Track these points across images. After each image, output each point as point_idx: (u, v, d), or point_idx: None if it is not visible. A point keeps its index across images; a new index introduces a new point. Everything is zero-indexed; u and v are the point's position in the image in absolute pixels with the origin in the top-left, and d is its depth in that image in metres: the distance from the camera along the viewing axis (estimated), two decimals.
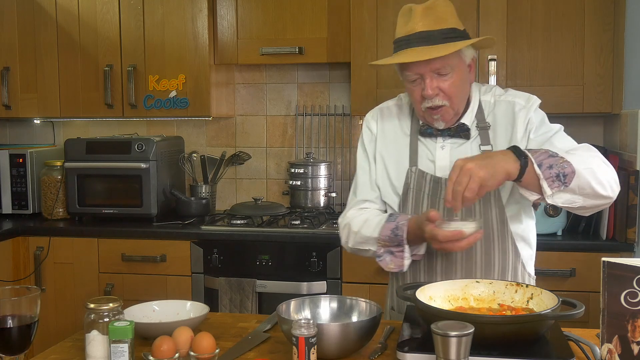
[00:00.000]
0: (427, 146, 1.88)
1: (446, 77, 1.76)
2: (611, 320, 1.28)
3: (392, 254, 1.79)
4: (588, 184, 1.61)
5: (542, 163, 1.59)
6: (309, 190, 3.37)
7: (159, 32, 3.31)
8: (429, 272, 1.85)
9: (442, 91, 1.77)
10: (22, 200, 3.45)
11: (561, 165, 1.59)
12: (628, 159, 2.75)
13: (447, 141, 1.86)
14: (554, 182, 1.59)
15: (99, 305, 1.45)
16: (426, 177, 1.85)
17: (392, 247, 1.78)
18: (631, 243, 2.68)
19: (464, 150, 1.84)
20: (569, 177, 1.59)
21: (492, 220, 1.80)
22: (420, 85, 1.78)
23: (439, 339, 1.23)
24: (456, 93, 1.79)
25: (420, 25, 1.73)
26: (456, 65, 1.77)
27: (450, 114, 1.81)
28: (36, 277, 3.20)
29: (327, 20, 3.18)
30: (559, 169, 1.59)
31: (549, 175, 1.59)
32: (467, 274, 1.80)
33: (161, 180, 3.32)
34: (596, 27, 2.88)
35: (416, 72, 1.76)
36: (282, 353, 1.56)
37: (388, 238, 1.77)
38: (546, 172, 1.59)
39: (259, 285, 2.95)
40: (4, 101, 3.47)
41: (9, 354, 1.39)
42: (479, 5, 2.95)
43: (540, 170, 1.59)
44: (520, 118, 1.82)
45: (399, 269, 1.80)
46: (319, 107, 3.57)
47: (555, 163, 1.60)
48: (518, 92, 1.89)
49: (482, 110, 1.87)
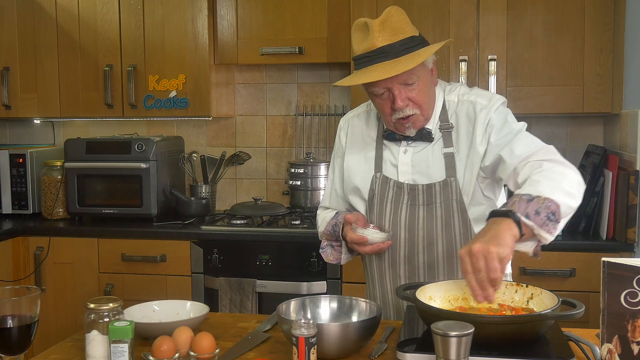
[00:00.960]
0: (392, 151, 1.90)
1: (413, 86, 1.77)
2: (611, 320, 1.28)
3: (332, 247, 1.96)
4: (567, 205, 1.57)
5: (528, 213, 1.50)
6: (309, 190, 3.37)
7: (159, 32, 3.31)
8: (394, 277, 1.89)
9: (411, 101, 1.78)
10: (22, 200, 3.45)
11: (545, 205, 1.51)
12: (628, 159, 2.75)
13: (410, 145, 1.87)
14: (547, 225, 1.51)
15: (99, 305, 1.45)
16: (389, 183, 1.87)
17: (332, 241, 1.94)
18: (631, 243, 2.68)
19: (425, 153, 1.85)
20: (556, 213, 1.53)
21: (455, 222, 1.81)
22: (389, 99, 1.78)
23: (439, 339, 1.23)
24: (424, 100, 1.80)
25: (379, 40, 1.73)
26: (421, 73, 1.77)
27: (421, 121, 1.82)
28: (36, 277, 3.20)
29: (327, 20, 3.18)
30: (545, 211, 1.51)
31: (541, 222, 1.50)
32: (430, 278, 1.83)
33: (161, 180, 3.32)
34: (596, 27, 2.88)
35: (383, 87, 1.76)
36: (282, 353, 1.56)
37: (329, 233, 1.92)
38: (537, 220, 1.50)
39: (259, 285, 2.95)
40: (4, 101, 3.47)
41: (9, 354, 1.39)
42: (479, 5, 2.95)
43: (530, 221, 1.50)
44: (480, 119, 1.80)
45: (337, 262, 1.96)
46: (319, 107, 3.57)
47: (539, 207, 1.51)
48: (482, 92, 1.88)
49: (445, 111, 1.87)
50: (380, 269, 1.92)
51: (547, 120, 3.29)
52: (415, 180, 1.85)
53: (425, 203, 1.83)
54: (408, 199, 1.84)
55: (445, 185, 1.81)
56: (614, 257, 1.30)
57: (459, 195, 1.80)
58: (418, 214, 1.83)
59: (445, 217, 1.81)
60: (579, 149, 3.23)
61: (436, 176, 1.83)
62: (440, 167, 1.83)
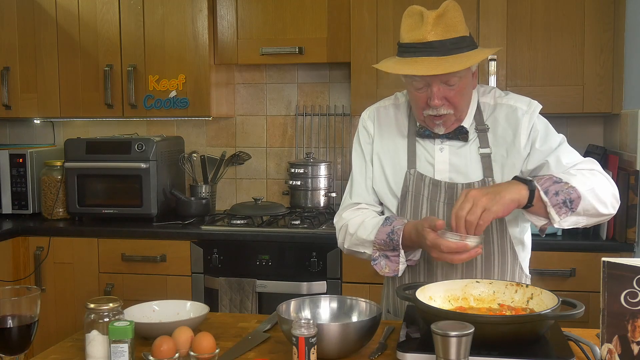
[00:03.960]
0: (426, 148, 1.86)
1: (453, 87, 1.74)
2: (611, 320, 1.28)
3: (387, 258, 1.77)
4: (592, 205, 1.63)
5: (548, 190, 1.59)
6: (309, 190, 3.37)
7: (159, 32, 3.31)
8: (429, 276, 1.84)
9: (447, 100, 1.75)
10: (22, 200, 3.45)
11: (567, 191, 1.60)
12: (628, 159, 2.75)
13: (446, 143, 1.85)
14: (561, 208, 1.59)
15: (99, 305, 1.45)
16: (425, 180, 1.83)
17: (387, 251, 1.76)
18: (631, 243, 2.68)
19: (462, 152, 1.84)
20: (575, 202, 1.60)
21: (492, 225, 1.79)
22: (426, 93, 1.75)
23: (439, 339, 1.23)
24: (460, 101, 1.78)
25: (432, 34, 1.68)
26: (464, 75, 1.75)
27: (452, 121, 1.80)
28: (36, 277, 3.20)
29: (327, 20, 3.18)
30: (565, 196, 1.59)
31: (556, 202, 1.59)
32: (467, 277, 1.80)
33: (161, 180, 3.32)
34: (596, 27, 2.88)
35: (423, 82, 1.74)
36: (282, 353, 1.56)
37: (383, 242, 1.75)
38: (553, 199, 1.59)
39: (259, 285, 2.95)
40: (4, 101, 3.47)
41: (9, 354, 1.39)
42: (479, 5, 2.95)
43: (547, 197, 1.59)
44: (524, 124, 1.81)
45: (393, 274, 1.77)
46: (319, 107, 3.57)
47: (561, 189, 1.60)
48: (518, 96, 1.88)
49: (480, 112, 1.86)
50: (414, 268, 1.84)
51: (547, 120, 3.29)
52: (452, 179, 1.83)
53: None
54: (445, 197, 1.81)
55: (484, 184, 1.80)
56: (614, 257, 1.29)
57: None
58: None
59: None
60: (579, 149, 3.17)
61: (474, 176, 1.82)
62: (477, 167, 1.82)
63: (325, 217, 3.22)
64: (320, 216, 3.20)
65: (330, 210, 3.37)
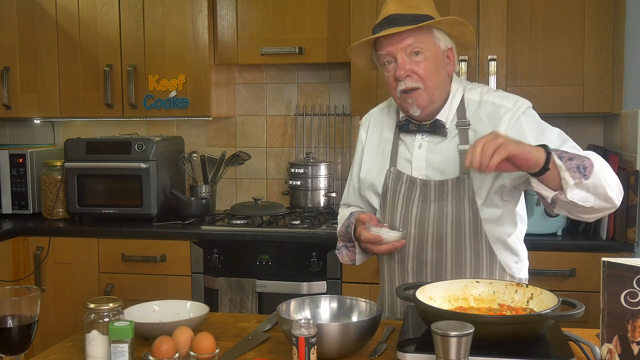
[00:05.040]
0: (407, 145, 1.89)
1: (419, 59, 1.78)
2: (611, 320, 1.28)
3: (347, 248, 1.95)
4: (601, 184, 1.62)
5: (562, 155, 1.60)
6: (309, 190, 3.37)
7: (159, 32, 3.31)
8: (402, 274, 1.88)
9: (415, 73, 1.78)
10: (22, 200, 3.45)
11: (580, 158, 1.61)
12: (628, 159, 2.75)
13: (425, 139, 1.86)
14: (575, 172, 1.59)
15: (99, 305, 1.45)
16: (402, 177, 1.86)
17: (347, 242, 1.94)
18: (631, 243, 2.68)
19: (440, 149, 1.84)
20: (588, 169, 1.60)
21: (465, 221, 1.80)
22: (394, 69, 1.80)
23: (439, 339, 1.23)
24: (430, 76, 1.79)
25: (392, 9, 1.78)
26: (428, 47, 1.78)
27: (425, 98, 1.80)
28: (36, 277, 3.20)
29: (327, 20, 3.18)
30: (579, 162, 1.60)
31: (570, 166, 1.59)
32: (437, 275, 1.82)
33: (161, 180, 3.32)
34: (596, 27, 2.88)
35: (387, 52, 1.79)
36: (282, 353, 1.56)
37: (344, 233, 1.92)
38: (567, 164, 1.59)
39: (259, 285, 2.95)
40: (4, 101, 3.47)
41: (9, 354, 1.39)
42: (479, 5, 2.95)
43: (561, 161, 1.58)
44: (504, 122, 1.78)
45: (351, 263, 1.94)
46: (319, 107, 3.57)
47: (575, 156, 1.61)
48: (507, 94, 1.86)
49: (464, 108, 1.85)
50: (390, 266, 1.91)
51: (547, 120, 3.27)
52: (429, 175, 1.84)
53: (437, 199, 1.81)
54: (420, 194, 1.83)
55: (458, 182, 1.79)
56: (614, 257, 1.29)
57: (472, 193, 1.78)
58: (429, 210, 1.82)
59: (456, 215, 1.79)
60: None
61: (449, 173, 1.82)
62: (454, 164, 1.81)
63: (325, 217, 3.22)
64: (320, 216, 3.20)
65: (330, 210, 3.37)
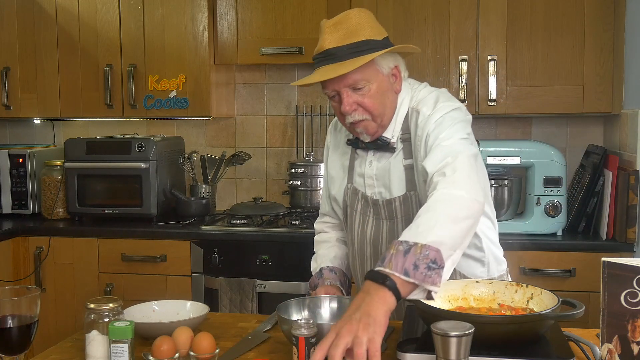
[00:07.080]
0: (361, 160, 1.86)
1: (363, 91, 1.70)
2: (611, 320, 1.28)
3: None
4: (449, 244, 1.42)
5: (407, 270, 1.36)
6: (309, 190, 3.37)
7: (159, 32, 3.31)
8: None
9: (360, 106, 1.71)
10: (22, 200, 3.45)
11: (423, 255, 1.37)
12: (628, 159, 2.75)
13: (375, 155, 1.82)
14: (430, 277, 1.37)
15: (99, 305, 1.45)
16: (358, 195, 1.86)
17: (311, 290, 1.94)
18: (631, 243, 2.68)
19: (386, 166, 1.79)
20: (437, 259, 1.38)
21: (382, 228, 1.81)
22: (339, 102, 1.73)
23: (439, 339, 1.23)
24: (376, 106, 1.71)
25: (328, 42, 1.67)
26: (372, 78, 1.70)
27: (373, 126, 1.75)
28: (36, 277, 3.20)
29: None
30: (424, 261, 1.37)
31: (422, 277, 1.36)
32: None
33: (161, 180, 3.32)
34: (596, 27, 2.88)
35: (332, 89, 1.71)
36: (282, 353, 1.55)
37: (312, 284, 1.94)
38: (417, 276, 1.36)
39: (259, 285, 2.95)
40: (4, 101, 3.47)
41: (9, 354, 1.39)
42: (478, 5, 2.95)
43: (411, 278, 1.36)
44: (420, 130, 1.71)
45: None
46: (319, 107, 3.56)
47: (417, 258, 1.36)
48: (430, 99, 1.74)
49: (407, 120, 1.78)
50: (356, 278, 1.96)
51: (547, 120, 3.30)
52: (380, 193, 1.81)
53: (388, 218, 1.80)
54: (373, 213, 1.82)
55: (405, 200, 1.76)
56: (614, 257, 1.29)
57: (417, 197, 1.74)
58: (382, 228, 1.81)
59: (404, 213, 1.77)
60: (579, 149, 3.23)
61: (396, 190, 1.77)
62: (400, 181, 1.76)
63: None
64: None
65: None
